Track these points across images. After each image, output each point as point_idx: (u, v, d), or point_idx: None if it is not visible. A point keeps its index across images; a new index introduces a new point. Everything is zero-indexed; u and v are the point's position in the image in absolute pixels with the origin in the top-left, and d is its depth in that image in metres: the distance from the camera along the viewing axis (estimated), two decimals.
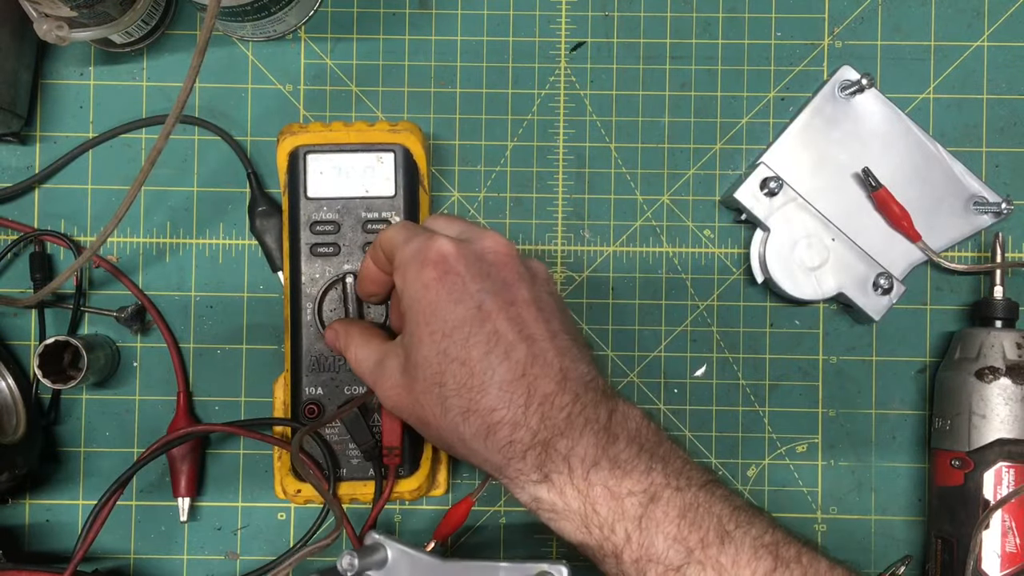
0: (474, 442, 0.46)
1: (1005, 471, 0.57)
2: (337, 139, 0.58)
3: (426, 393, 0.46)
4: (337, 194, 0.58)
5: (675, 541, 0.43)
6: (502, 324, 0.46)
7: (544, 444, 0.45)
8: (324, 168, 0.58)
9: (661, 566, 0.43)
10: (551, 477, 0.45)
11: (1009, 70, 0.63)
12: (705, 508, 0.44)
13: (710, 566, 0.43)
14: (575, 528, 0.45)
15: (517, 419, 0.45)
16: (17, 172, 0.63)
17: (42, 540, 0.62)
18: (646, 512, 0.44)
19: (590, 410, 0.46)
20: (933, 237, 0.61)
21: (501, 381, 0.45)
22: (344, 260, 0.57)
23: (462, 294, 0.46)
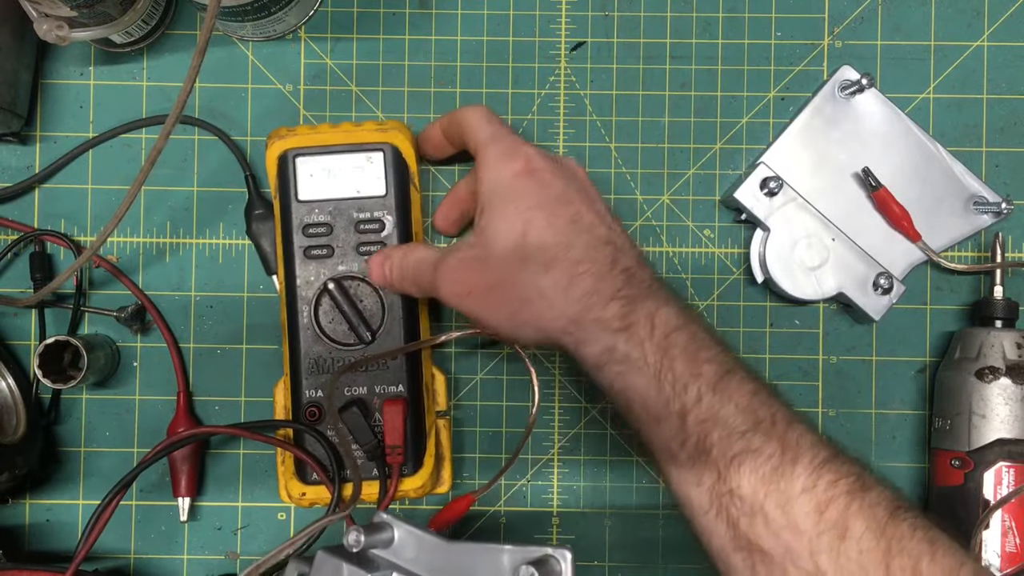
0: (552, 292, 0.48)
1: (1005, 471, 0.57)
2: (325, 141, 0.58)
3: (504, 258, 0.49)
4: (328, 196, 0.58)
5: (745, 411, 0.45)
6: (584, 210, 0.50)
7: (630, 299, 0.47)
8: (314, 171, 0.58)
9: (727, 429, 0.45)
10: (633, 328, 0.47)
11: (1009, 70, 0.63)
12: (772, 398, 0.46)
13: (776, 438, 0.44)
14: (646, 381, 0.47)
15: (603, 272, 0.48)
16: (17, 172, 0.63)
17: (42, 540, 0.62)
18: (722, 380, 0.46)
19: (668, 291, 0.49)
20: (933, 237, 0.61)
21: (587, 243, 0.49)
22: (338, 261, 0.57)
23: (548, 184, 0.50)
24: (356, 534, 0.41)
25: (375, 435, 0.56)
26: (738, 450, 0.44)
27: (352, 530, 0.41)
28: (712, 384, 0.46)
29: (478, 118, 0.54)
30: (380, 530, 0.42)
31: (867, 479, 0.44)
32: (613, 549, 0.62)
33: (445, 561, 0.41)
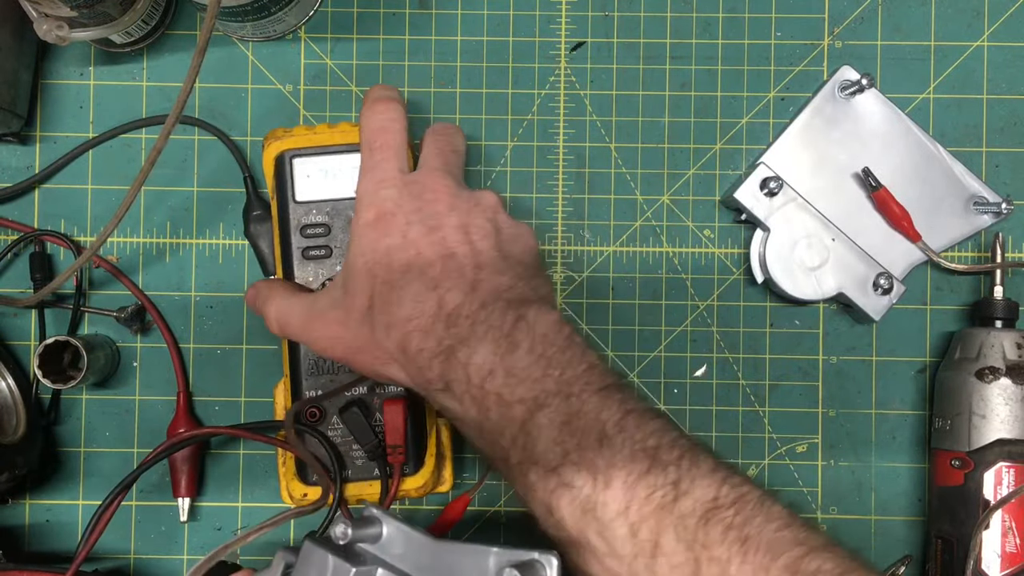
0: (396, 355, 0.48)
1: (1005, 471, 0.57)
2: (322, 141, 0.57)
3: (358, 319, 0.49)
4: (325, 196, 0.57)
5: (555, 444, 0.43)
6: (424, 246, 0.48)
7: (447, 352, 0.46)
8: (311, 171, 0.57)
9: (540, 467, 0.43)
10: (452, 386, 0.46)
11: (1009, 70, 0.63)
12: (594, 414, 0.44)
13: (584, 467, 0.42)
14: (473, 435, 0.47)
15: (426, 327, 0.46)
16: (17, 172, 0.63)
17: (42, 540, 0.62)
18: (531, 418, 0.44)
19: (495, 317, 0.46)
20: (933, 237, 0.61)
21: (415, 293, 0.47)
22: (336, 262, 0.57)
23: (393, 228, 0.49)
24: (344, 527, 0.41)
25: (376, 435, 0.56)
26: (553, 486, 0.43)
27: (340, 522, 0.41)
28: (521, 424, 0.44)
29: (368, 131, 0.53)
30: (369, 524, 0.42)
31: (685, 484, 0.41)
32: None
33: (432, 560, 0.41)
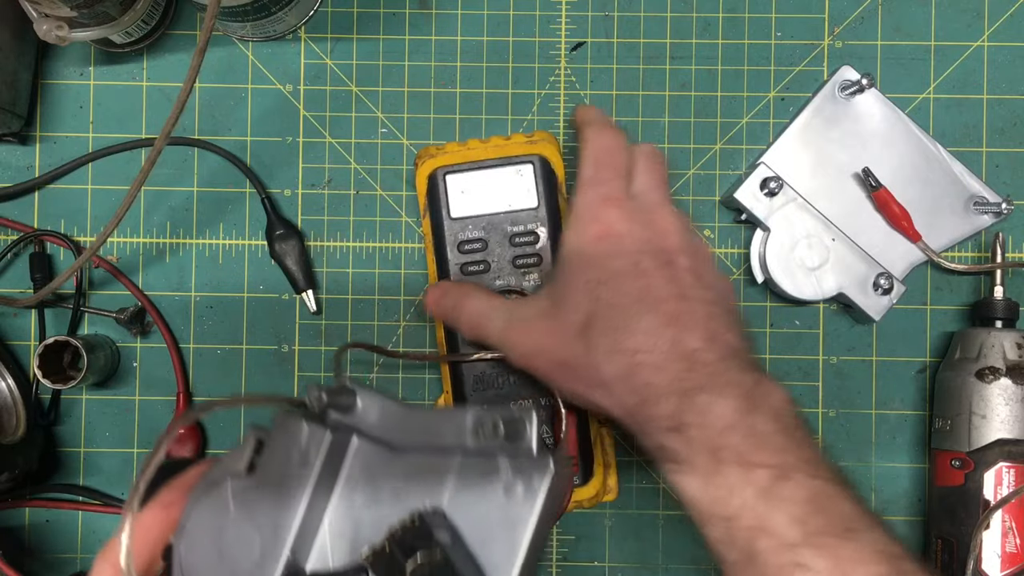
0: (614, 382, 0.46)
1: (1005, 471, 0.57)
2: (475, 156, 0.58)
3: (572, 335, 0.47)
4: (481, 211, 0.57)
5: (796, 521, 0.42)
6: (657, 281, 0.47)
7: (682, 394, 0.45)
8: (465, 187, 0.58)
9: (775, 540, 0.41)
10: (683, 428, 0.44)
11: (1009, 70, 0.63)
12: (832, 501, 0.43)
13: (827, 553, 0.41)
14: (695, 483, 0.44)
15: (659, 363, 0.45)
16: (17, 172, 0.63)
17: (42, 540, 0.62)
18: (774, 486, 0.42)
19: (735, 374, 0.45)
20: (933, 237, 0.61)
21: (648, 327, 0.46)
22: (495, 276, 0.57)
23: (621, 252, 0.48)
24: (318, 391, 0.39)
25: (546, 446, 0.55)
26: (785, 562, 0.41)
27: (314, 387, 0.39)
28: (763, 492, 0.42)
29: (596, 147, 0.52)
30: (343, 394, 0.40)
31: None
32: (613, 549, 0.62)
33: (407, 425, 0.39)
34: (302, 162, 0.63)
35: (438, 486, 0.36)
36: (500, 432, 0.37)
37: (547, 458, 0.36)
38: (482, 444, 0.38)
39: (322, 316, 0.63)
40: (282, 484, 0.37)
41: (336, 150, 0.63)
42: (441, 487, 0.36)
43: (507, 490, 0.36)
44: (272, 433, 0.39)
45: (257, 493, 0.37)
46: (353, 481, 0.38)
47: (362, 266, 0.63)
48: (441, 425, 0.39)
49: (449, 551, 0.34)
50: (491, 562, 0.35)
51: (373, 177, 0.63)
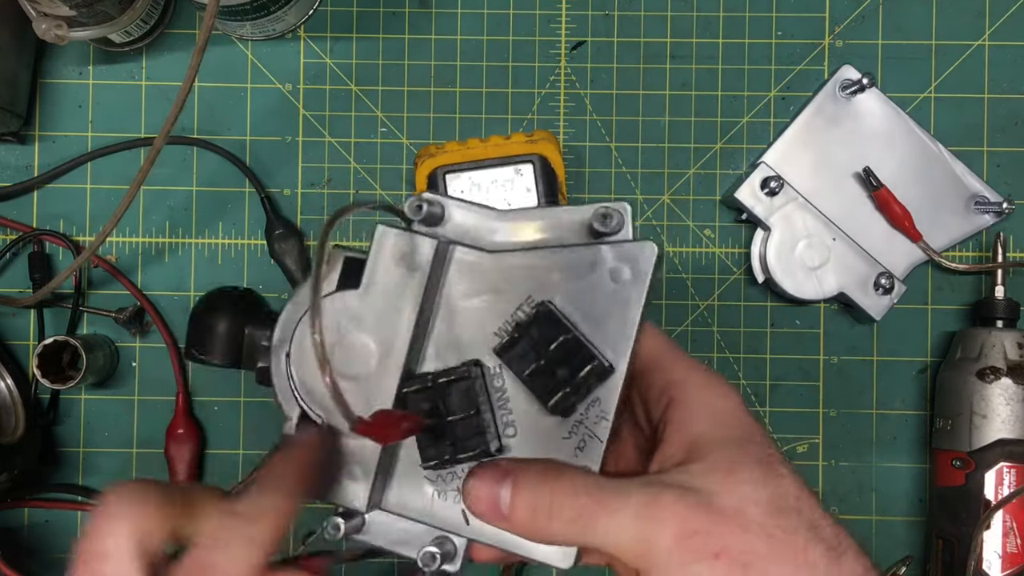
0: None
1: (1006, 471, 0.57)
2: (475, 156, 0.58)
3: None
4: None
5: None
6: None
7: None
8: (464, 186, 0.58)
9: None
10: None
11: (1010, 69, 0.63)
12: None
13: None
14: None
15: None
16: (16, 171, 0.62)
17: (41, 541, 0.62)
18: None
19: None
20: (934, 237, 0.61)
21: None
22: None
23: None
24: (417, 200, 0.39)
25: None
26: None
27: (412, 196, 0.40)
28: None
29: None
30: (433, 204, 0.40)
31: None
32: None
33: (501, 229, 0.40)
34: (301, 161, 0.63)
35: (544, 279, 0.38)
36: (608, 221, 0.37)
37: (649, 240, 0.37)
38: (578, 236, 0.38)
39: None
40: (391, 293, 0.38)
41: (336, 149, 0.63)
42: (547, 279, 0.38)
43: (614, 275, 0.37)
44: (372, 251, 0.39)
45: (365, 305, 0.38)
46: (457, 286, 0.39)
47: None
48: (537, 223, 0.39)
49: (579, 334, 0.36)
50: (607, 341, 0.37)
51: (373, 177, 0.63)
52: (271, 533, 0.34)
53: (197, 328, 0.54)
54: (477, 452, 0.37)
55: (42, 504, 0.62)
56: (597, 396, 0.37)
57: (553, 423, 0.37)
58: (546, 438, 0.37)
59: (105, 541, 0.32)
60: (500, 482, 0.35)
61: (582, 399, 0.37)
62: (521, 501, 0.35)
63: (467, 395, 0.37)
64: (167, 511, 0.33)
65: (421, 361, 0.39)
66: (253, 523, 0.33)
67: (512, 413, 0.38)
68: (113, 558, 0.32)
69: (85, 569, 0.32)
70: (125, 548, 0.32)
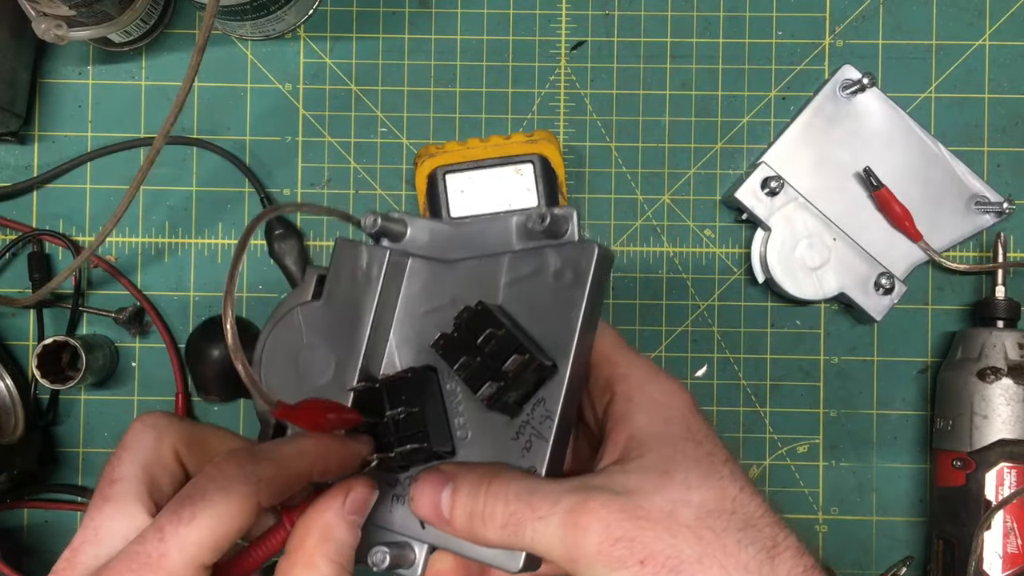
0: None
1: (1007, 472, 0.57)
2: (475, 156, 0.58)
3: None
4: (479, 211, 0.57)
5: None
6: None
7: None
8: (464, 186, 0.58)
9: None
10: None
11: (1010, 69, 0.63)
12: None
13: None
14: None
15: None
16: (16, 171, 0.62)
17: (41, 541, 0.62)
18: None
19: None
20: (934, 237, 0.61)
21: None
22: None
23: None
24: (374, 216, 0.41)
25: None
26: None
27: (369, 213, 0.41)
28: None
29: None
30: (394, 222, 0.42)
31: None
32: None
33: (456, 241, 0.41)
34: (301, 161, 0.63)
35: (493, 284, 0.39)
36: (546, 223, 0.38)
37: (591, 242, 0.38)
38: (527, 243, 0.39)
39: None
40: (348, 303, 0.40)
41: (335, 149, 0.63)
42: (495, 284, 0.39)
43: (557, 277, 0.38)
44: (332, 265, 0.41)
45: (326, 315, 0.41)
46: (413, 295, 0.41)
47: None
48: (487, 233, 0.41)
49: (512, 329, 0.37)
50: (551, 342, 0.37)
51: (372, 176, 0.63)
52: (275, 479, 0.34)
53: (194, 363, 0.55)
54: (417, 449, 0.38)
55: (42, 504, 0.62)
56: (542, 396, 0.37)
57: (502, 424, 0.38)
58: (495, 440, 0.38)
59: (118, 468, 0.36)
60: (442, 486, 0.36)
61: (525, 399, 0.37)
62: (459, 505, 0.35)
63: (414, 396, 0.38)
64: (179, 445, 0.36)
65: (382, 368, 0.40)
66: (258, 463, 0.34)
67: (463, 416, 0.39)
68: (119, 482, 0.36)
69: (98, 493, 0.36)
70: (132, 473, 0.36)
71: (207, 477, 0.34)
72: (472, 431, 0.39)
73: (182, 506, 0.33)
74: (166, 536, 0.33)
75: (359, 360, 0.40)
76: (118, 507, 0.35)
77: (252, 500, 0.34)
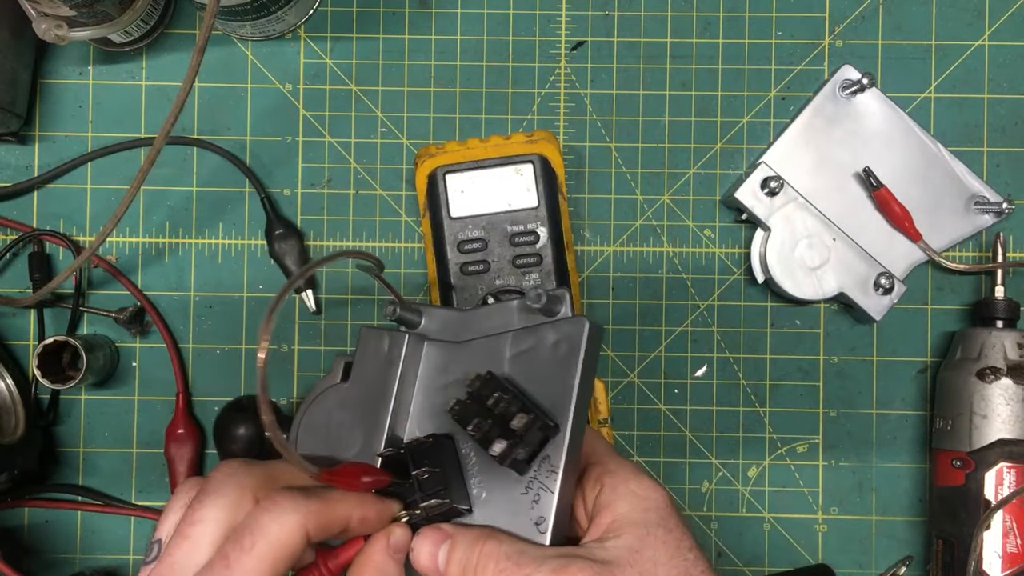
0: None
1: (1006, 471, 0.57)
2: (475, 156, 0.58)
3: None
4: (480, 211, 0.58)
5: None
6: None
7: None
8: (464, 187, 0.58)
9: None
10: None
11: (1010, 69, 0.63)
12: None
13: None
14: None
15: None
16: (16, 172, 0.62)
17: (41, 541, 0.62)
18: None
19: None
20: (934, 237, 0.61)
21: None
22: (495, 276, 0.57)
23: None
24: (393, 306, 0.46)
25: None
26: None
27: (389, 303, 0.47)
28: None
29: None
30: (411, 312, 0.47)
31: None
32: None
33: (466, 325, 0.46)
34: (301, 161, 0.63)
35: (499, 358, 0.44)
36: (543, 300, 0.43)
37: (582, 318, 0.43)
38: (527, 322, 0.45)
39: (322, 316, 0.62)
40: (373, 383, 0.46)
41: (336, 149, 0.63)
42: (502, 358, 0.44)
43: (554, 349, 0.43)
44: (358, 350, 0.47)
45: (354, 394, 0.46)
46: (430, 372, 0.46)
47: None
48: (493, 316, 0.46)
49: (517, 392, 0.42)
50: (553, 404, 0.42)
51: (373, 177, 0.63)
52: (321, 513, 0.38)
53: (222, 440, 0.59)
54: (440, 504, 0.42)
55: (42, 504, 0.62)
56: (547, 453, 0.42)
57: (512, 481, 0.42)
58: (507, 495, 0.42)
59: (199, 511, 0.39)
60: (440, 542, 0.41)
61: (532, 457, 0.42)
62: (455, 560, 0.40)
63: (435, 459, 0.43)
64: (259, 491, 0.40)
65: (405, 437, 0.45)
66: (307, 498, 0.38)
67: (478, 476, 0.43)
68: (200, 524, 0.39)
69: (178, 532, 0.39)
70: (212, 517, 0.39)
71: (262, 509, 0.38)
72: (487, 490, 0.43)
73: (243, 535, 0.37)
74: (231, 563, 0.37)
75: (384, 430, 0.44)
76: (195, 545, 0.38)
77: (302, 530, 0.38)
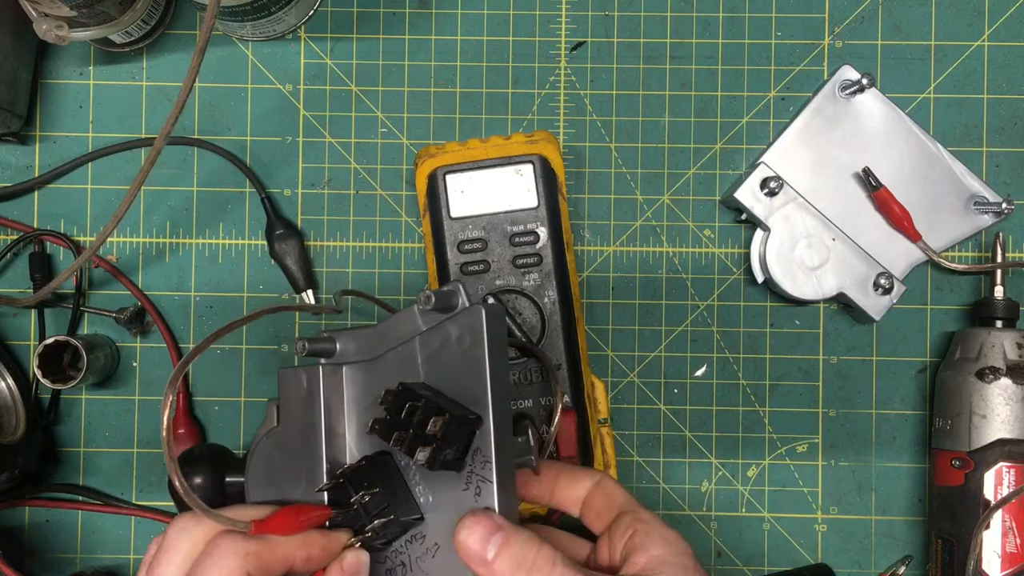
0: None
1: (1006, 471, 0.57)
2: (475, 156, 0.58)
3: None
4: (480, 211, 0.57)
5: None
6: None
7: None
8: (464, 187, 0.58)
9: None
10: None
11: (1009, 70, 0.63)
12: None
13: None
14: None
15: None
16: (17, 172, 0.63)
17: (41, 541, 0.62)
18: None
19: None
20: (933, 237, 0.61)
21: None
22: (495, 276, 0.57)
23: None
24: (303, 343, 0.48)
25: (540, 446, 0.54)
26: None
27: (299, 341, 0.48)
28: None
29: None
30: (323, 342, 0.48)
31: None
32: None
33: (378, 339, 0.47)
34: (302, 162, 0.63)
35: (413, 365, 0.45)
36: (432, 301, 0.44)
37: (477, 306, 0.43)
38: (431, 322, 0.45)
39: (322, 316, 0.63)
40: (302, 420, 0.47)
41: (336, 150, 0.63)
42: (415, 365, 0.45)
43: (459, 342, 0.43)
44: (280, 394, 0.48)
45: (287, 436, 0.47)
46: (354, 395, 0.47)
47: (362, 266, 0.63)
48: (400, 324, 0.46)
49: (430, 397, 0.42)
50: (472, 398, 0.42)
51: (373, 177, 0.63)
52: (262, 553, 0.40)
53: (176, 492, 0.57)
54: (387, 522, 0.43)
55: (42, 504, 0.62)
56: (477, 445, 0.42)
57: (452, 480, 0.43)
58: (451, 495, 0.43)
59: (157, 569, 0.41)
60: (493, 532, 0.41)
61: (465, 452, 0.42)
62: (509, 553, 0.41)
63: (375, 479, 0.44)
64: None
65: (346, 463, 0.46)
66: (247, 540, 0.40)
67: (420, 483, 0.44)
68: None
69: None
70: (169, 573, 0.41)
71: (205, 554, 0.40)
72: (433, 494, 0.44)
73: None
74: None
75: (323, 464, 0.46)
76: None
77: (242, 572, 0.40)
